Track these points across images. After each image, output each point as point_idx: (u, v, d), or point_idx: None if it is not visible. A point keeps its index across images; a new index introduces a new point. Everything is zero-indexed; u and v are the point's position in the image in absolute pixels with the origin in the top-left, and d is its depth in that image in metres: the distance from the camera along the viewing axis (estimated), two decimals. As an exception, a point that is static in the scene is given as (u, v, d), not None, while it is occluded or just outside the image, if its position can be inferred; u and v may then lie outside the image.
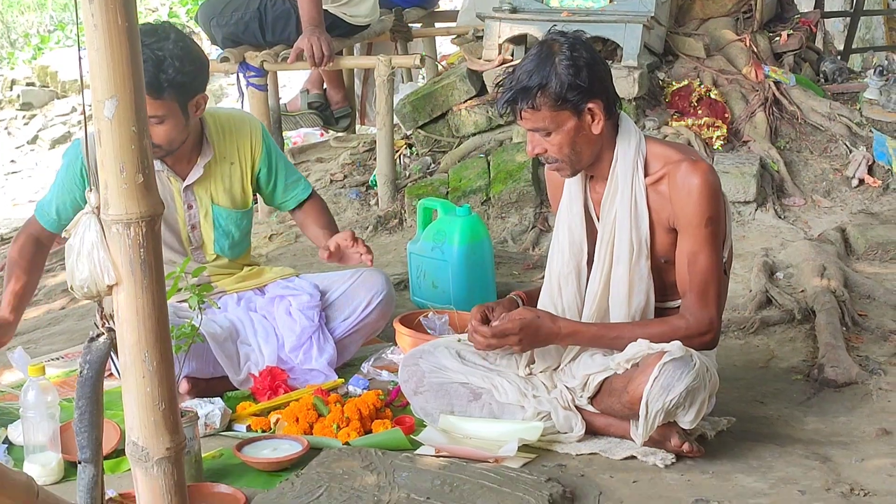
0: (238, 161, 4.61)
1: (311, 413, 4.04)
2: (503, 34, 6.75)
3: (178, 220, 4.53)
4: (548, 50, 3.69)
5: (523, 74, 3.69)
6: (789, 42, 7.25)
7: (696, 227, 3.71)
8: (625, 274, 3.80)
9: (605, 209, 3.84)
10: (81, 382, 2.64)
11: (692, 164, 3.72)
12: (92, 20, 2.41)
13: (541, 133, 3.73)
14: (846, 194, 6.30)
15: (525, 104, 3.68)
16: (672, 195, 3.73)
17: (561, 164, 3.78)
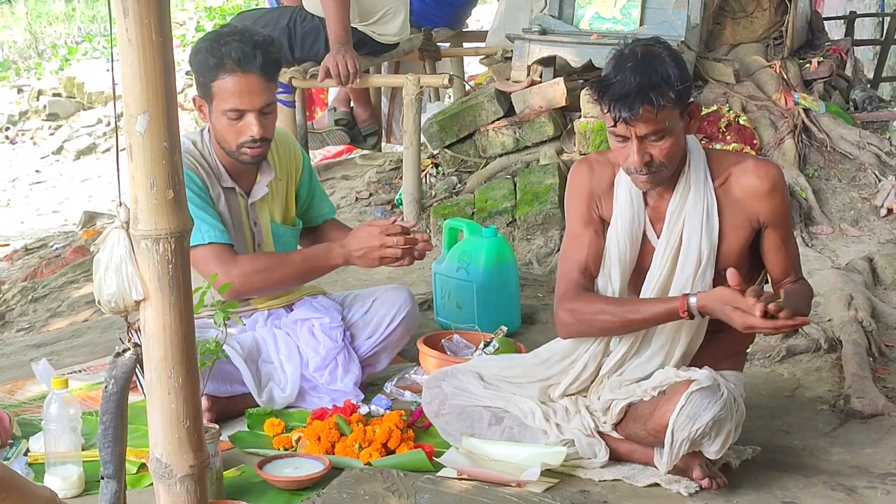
0: (286, 178, 4.62)
1: (334, 432, 4.02)
2: (532, 55, 6.74)
3: (247, 237, 4.51)
4: (647, 51, 3.60)
5: (639, 74, 3.54)
6: (819, 69, 7.22)
7: (785, 216, 3.81)
8: (687, 285, 3.73)
9: (672, 218, 3.77)
10: (106, 398, 2.64)
11: (760, 161, 3.83)
12: (126, 35, 2.41)
13: (653, 137, 3.59)
14: (874, 224, 6.26)
15: (657, 100, 3.52)
16: (751, 193, 3.73)
17: (661, 171, 3.66)
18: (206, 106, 4.32)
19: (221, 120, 4.28)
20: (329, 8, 6.55)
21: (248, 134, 4.27)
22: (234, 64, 4.21)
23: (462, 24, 8.62)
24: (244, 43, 4.22)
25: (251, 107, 4.25)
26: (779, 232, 3.79)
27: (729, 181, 3.75)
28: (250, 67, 4.22)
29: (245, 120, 4.26)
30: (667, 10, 6.60)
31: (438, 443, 4.03)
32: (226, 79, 4.23)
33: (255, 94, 4.25)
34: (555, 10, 6.80)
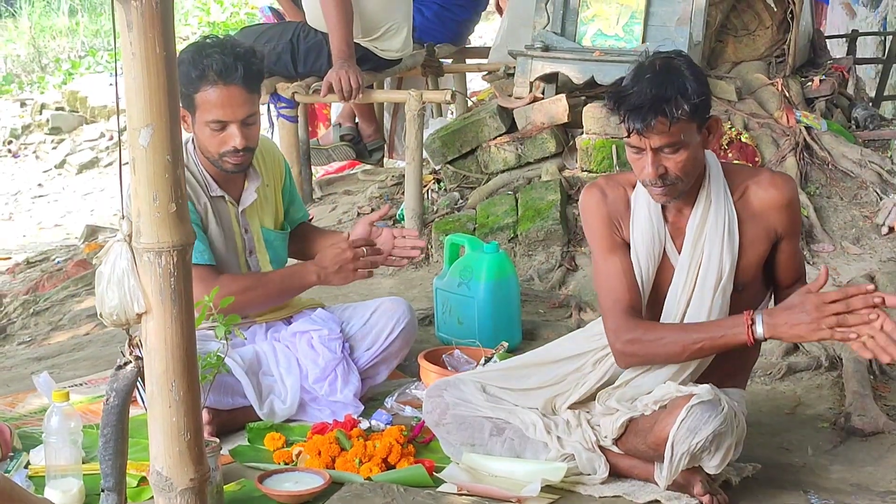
0: (273, 183, 4.65)
1: (334, 447, 4.02)
2: (535, 72, 6.76)
3: (238, 245, 4.52)
4: (667, 63, 3.61)
5: (655, 86, 3.54)
6: (821, 87, 7.23)
7: (798, 225, 3.89)
8: (707, 301, 3.74)
9: (692, 236, 3.76)
10: (108, 410, 2.64)
11: (774, 173, 3.86)
12: (130, 48, 2.42)
13: (668, 149, 3.58)
14: (876, 242, 6.26)
15: (670, 113, 3.52)
16: (770, 206, 3.75)
17: (676, 184, 3.64)
18: (189, 116, 4.32)
19: (204, 130, 4.30)
20: (332, 23, 6.57)
21: (231, 144, 4.28)
22: (215, 76, 4.22)
23: (465, 40, 8.63)
24: (225, 55, 4.23)
25: (233, 118, 4.27)
26: (793, 241, 3.84)
27: (746, 195, 3.77)
28: (232, 79, 4.23)
29: (228, 131, 4.28)
30: (669, 27, 6.62)
31: (439, 458, 4.04)
32: (208, 90, 4.24)
33: (236, 105, 4.26)
34: (557, 26, 6.82)
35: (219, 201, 4.46)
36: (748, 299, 3.79)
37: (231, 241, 4.49)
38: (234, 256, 4.50)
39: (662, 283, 3.83)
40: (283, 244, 4.71)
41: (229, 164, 4.34)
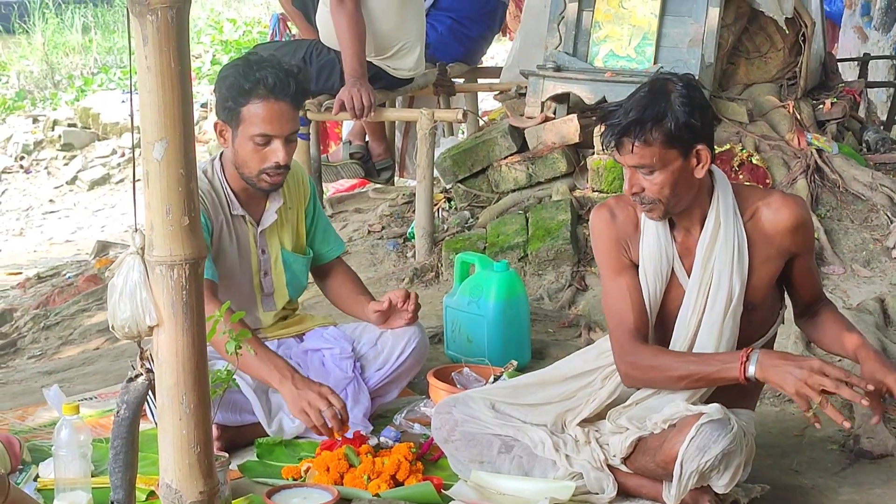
0: (295, 205, 4.64)
1: (342, 463, 4.02)
2: (546, 92, 6.77)
3: (252, 265, 4.53)
4: (662, 86, 3.65)
5: (637, 108, 3.61)
6: (833, 110, 7.24)
7: (811, 243, 3.91)
8: (717, 322, 3.75)
9: (701, 257, 3.78)
10: (118, 423, 2.64)
11: (785, 195, 3.87)
12: (145, 62, 2.44)
13: (644, 171, 3.65)
14: (886, 265, 6.26)
15: (637, 137, 3.60)
16: (783, 227, 3.77)
17: (656, 204, 3.69)
18: (230, 131, 4.33)
19: (247, 145, 4.31)
20: (345, 41, 6.58)
21: (273, 160, 4.30)
22: (267, 90, 4.25)
23: (477, 59, 8.64)
24: (278, 70, 4.27)
25: (280, 133, 4.29)
26: (807, 259, 3.88)
27: (757, 216, 3.78)
28: (283, 95, 4.27)
29: (271, 146, 4.29)
30: (681, 48, 6.63)
31: (447, 475, 4.04)
32: (258, 104, 4.26)
33: (284, 120, 4.29)
34: (569, 47, 6.84)
35: (238, 220, 4.47)
36: (760, 318, 3.82)
37: (246, 261, 4.50)
38: (247, 276, 4.51)
39: (672, 303, 3.84)
40: (303, 268, 4.70)
41: (266, 182, 4.36)
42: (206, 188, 4.39)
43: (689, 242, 3.81)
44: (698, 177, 3.70)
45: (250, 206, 4.49)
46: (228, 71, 4.34)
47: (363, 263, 6.67)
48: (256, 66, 4.28)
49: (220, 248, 4.42)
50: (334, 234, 4.86)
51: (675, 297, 3.84)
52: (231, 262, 4.45)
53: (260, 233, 4.52)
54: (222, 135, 4.36)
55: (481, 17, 8.22)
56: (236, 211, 4.45)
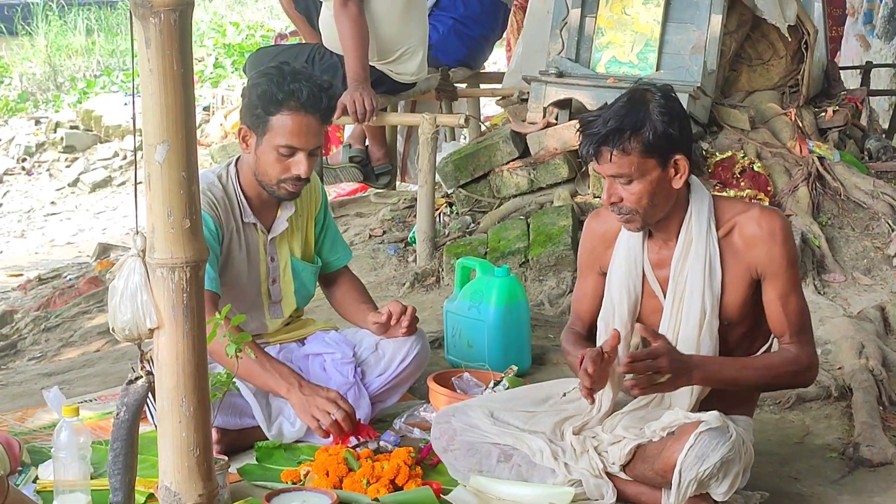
0: (306, 213, 4.64)
1: (342, 467, 4.02)
2: (549, 97, 6.78)
3: (261, 272, 4.53)
4: (641, 97, 3.67)
5: (615, 117, 3.63)
6: (835, 118, 7.24)
7: (785, 269, 3.73)
8: (693, 336, 3.76)
9: (676, 269, 3.80)
10: (118, 425, 2.64)
11: (765, 210, 3.79)
12: (148, 65, 2.44)
13: (622, 180, 3.66)
14: (887, 273, 6.26)
15: (615, 147, 3.61)
16: (750, 244, 3.73)
17: (633, 215, 3.71)
18: (254, 137, 4.33)
19: (270, 154, 4.30)
20: (348, 46, 6.59)
21: (295, 172, 4.30)
22: (298, 104, 4.25)
23: (480, 62, 8.65)
24: (313, 85, 4.28)
25: (305, 146, 4.29)
26: (776, 284, 3.75)
27: (733, 230, 3.76)
28: (313, 110, 4.27)
29: (295, 158, 4.29)
30: (683, 55, 6.64)
31: (446, 480, 4.03)
32: (287, 116, 4.26)
33: (311, 135, 4.30)
34: (572, 53, 6.85)
35: (248, 227, 4.47)
36: (741, 334, 3.84)
37: (255, 268, 4.50)
38: (255, 283, 4.51)
39: (654, 316, 3.88)
40: (311, 277, 4.70)
41: (285, 192, 4.36)
42: (219, 195, 4.39)
43: (664, 255, 3.84)
44: (676, 187, 3.71)
45: (262, 213, 4.49)
46: (261, 79, 4.33)
47: (364, 268, 6.67)
48: (291, 77, 4.28)
49: (228, 255, 4.42)
50: (343, 243, 4.87)
51: (654, 310, 3.88)
52: (239, 269, 4.45)
53: (270, 240, 4.52)
54: (245, 140, 4.35)
55: (483, 16, 8.21)
56: (248, 219, 4.45)
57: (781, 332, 3.78)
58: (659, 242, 3.85)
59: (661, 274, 3.85)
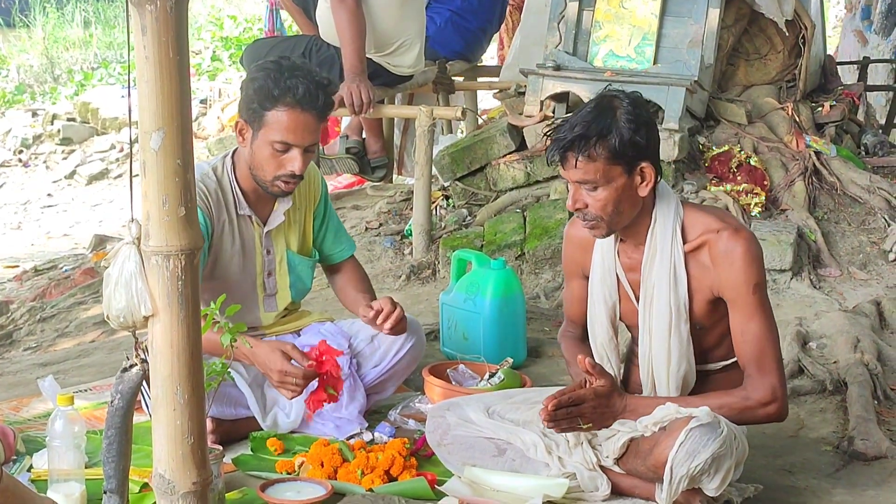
0: (304, 207, 4.62)
1: (336, 458, 4.02)
2: (546, 91, 6.78)
3: (256, 265, 4.51)
4: (608, 103, 3.67)
5: (581, 123, 3.63)
6: (831, 113, 7.25)
7: (745, 295, 3.69)
8: (664, 339, 3.79)
9: (644, 275, 3.82)
10: (112, 412, 2.65)
11: (733, 232, 3.71)
12: (144, 52, 2.44)
13: (587, 187, 3.67)
14: (882, 268, 6.27)
15: (581, 153, 3.62)
16: (715, 265, 3.71)
17: (598, 222, 3.72)
18: (250, 131, 4.30)
19: (265, 149, 4.28)
20: (345, 38, 6.60)
21: (290, 168, 4.28)
22: (295, 100, 4.22)
23: (478, 55, 8.66)
24: (310, 81, 4.25)
25: (300, 143, 4.26)
26: (736, 309, 3.73)
27: (703, 248, 3.75)
28: (310, 107, 4.24)
29: (289, 154, 4.26)
30: (681, 49, 6.64)
31: (441, 471, 4.03)
32: (283, 112, 4.23)
33: (307, 132, 4.27)
34: (569, 46, 6.84)
35: (243, 219, 4.45)
36: (719, 335, 3.86)
37: (250, 261, 4.49)
38: (250, 276, 4.50)
39: (632, 318, 3.93)
40: (308, 271, 4.68)
41: (279, 189, 4.34)
42: (213, 187, 4.38)
43: (635, 259, 3.86)
44: (642, 195, 3.72)
45: (258, 205, 4.47)
46: (258, 73, 4.30)
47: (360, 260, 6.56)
48: (288, 73, 4.26)
49: (220, 248, 4.41)
50: (345, 235, 4.84)
51: (632, 312, 3.92)
52: (232, 261, 4.44)
53: (266, 233, 4.50)
54: (242, 133, 4.33)
55: (480, 9, 8.23)
56: (242, 211, 4.43)
57: (741, 360, 3.76)
58: (630, 247, 3.87)
59: (633, 277, 3.88)
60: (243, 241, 4.46)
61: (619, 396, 3.72)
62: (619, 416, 3.72)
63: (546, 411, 3.63)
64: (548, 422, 3.65)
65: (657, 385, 3.87)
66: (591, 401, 3.66)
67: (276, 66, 4.30)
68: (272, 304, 4.61)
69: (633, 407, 3.72)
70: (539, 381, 4.82)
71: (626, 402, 3.72)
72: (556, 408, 3.63)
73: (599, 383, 3.68)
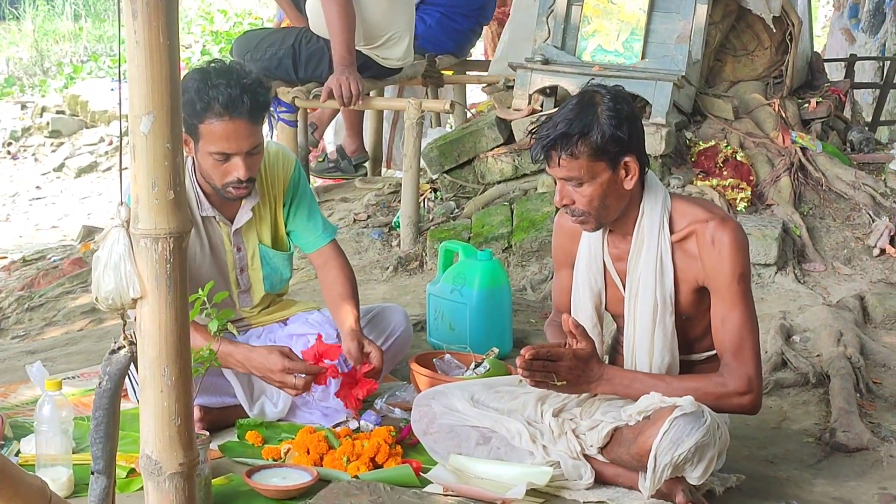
0: (273, 197, 4.54)
1: (322, 445, 4.05)
2: (534, 85, 6.80)
3: (227, 263, 4.49)
4: (590, 99, 3.68)
5: (563, 121, 3.65)
6: (818, 109, 7.28)
7: (728, 284, 3.72)
8: (649, 330, 3.82)
9: (631, 266, 3.85)
10: (100, 394, 2.66)
11: (720, 221, 3.74)
12: (134, 37, 2.45)
13: (573, 183, 3.70)
14: (867, 263, 6.30)
15: (564, 151, 3.64)
16: (701, 254, 3.74)
17: (587, 216, 3.75)
18: (192, 142, 4.23)
19: (207, 160, 4.21)
20: (334, 30, 6.61)
21: (235, 175, 4.20)
22: (221, 108, 4.12)
23: (466, 52, 8.67)
24: (231, 87, 4.12)
25: (238, 150, 4.17)
26: (718, 299, 3.76)
27: (690, 237, 3.78)
28: (238, 113, 4.13)
29: (231, 162, 4.19)
30: (668, 45, 6.66)
31: (426, 459, 4.06)
32: (213, 122, 4.13)
33: (242, 138, 4.16)
34: (558, 40, 6.87)
35: (208, 220, 4.42)
36: (704, 327, 3.88)
37: (220, 259, 4.47)
38: (222, 274, 4.48)
39: (619, 307, 3.96)
40: (284, 263, 4.62)
41: (231, 194, 4.29)
42: None
43: (622, 249, 3.89)
44: (628, 188, 3.74)
45: (224, 205, 4.41)
46: (186, 84, 4.15)
47: (348, 252, 6.66)
48: (211, 82, 4.14)
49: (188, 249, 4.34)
50: (321, 221, 4.65)
51: (618, 300, 3.95)
52: (203, 262, 4.42)
53: (234, 231, 4.46)
54: (187, 144, 4.23)
55: (471, 12, 8.25)
56: (205, 212, 4.38)
57: (719, 348, 3.79)
58: (618, 237, 3.90)
59: (621, 266, 3.91)
60: (211, 241, 4.43)
61: (597, 363, 3.75)
62: (593, 382, 3.75)
63: (522, 359, 3.66)
64: (523, 369, 3.67)
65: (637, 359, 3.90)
66: (568, 360, 3.69)
67: (201, 76, 4.19)
68: (247, 299, 4.60)
69: (609, 377, 3.75)
70: (524, 372, 4.83)
71: (604, 370, 3.75)
72: (532, 357, 3.66)
73: (580, 345, 3.71)
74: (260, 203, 4.48)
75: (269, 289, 4.63)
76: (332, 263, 4.63)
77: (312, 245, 4.63)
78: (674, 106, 6.62)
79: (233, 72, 4.21)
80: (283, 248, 4.61)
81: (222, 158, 4.18)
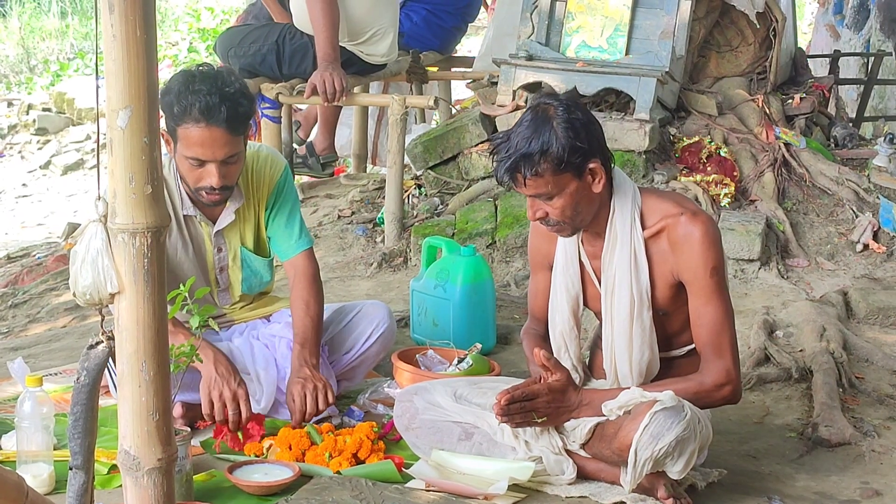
0: (257, 200, 4.52)
1: (304, 441, 4.05)
2: (518, 81, 6.80)
3: (208, 262, 4.49)
4: (543, 114, 3.68)
5: (521, 141, 3.65)
6: (802, 105, 7.28)
7: (702, 278, 3.73)
8: (627, 326, 3.83)
9: (605, 264, 3.86)
10: (78, 389, 2.66)
11: (691, 216, 3.76)
12: (111, 30, 2.45)
13: (543, 198, 3.71)
14: (850, 258, 6.31)
15: (528, 171, 3.64)
16: (674, 249, 3.76)
17: (562, 225, 3.77)
18: (172, 143, 4.23)
19: (184, 163, 4.21)
20: (318, 26, 6.60)
21: (208, 182, 4.19)
22: (198, 114, 4.10)
23: (451, 49, 8.67)
24: (211, 94, 4.10)
25: (212, 158, 4.15)
26: (693, 292, 3.78)
27: (662, 233, 3.79)
28: (215, 120, 4.10)
29: (206, 168, 4.18)
30: (652, 40, 6.66)
31: (408, 455, 4.06)
32: (190, 127, 4.12)
33: (217, 146, 4.14)
34: (542, 36, 6.86)
35: (189, 219, 4.42)
36: (683, 321, 3.89)
37: (201, 258, 4.47)
38: (203, 272, 4.48)
39: (596, 303, 3.98)
40: (265, 267, 4.61)
41: (204, 199, 4.28)
42: None
43: (598, 246, 3.91)
44: (597, 192, 3.75)
45: (206, 206, 4.41)
46: (170, 85, 4.18)
47: (332, 248, 6.70)
48: (195, 85, 4.13)
49: (169, 247, 4.35)
50: (297, 231, 4.57)
51: (596, 297, 3.97)
52: (184, 260, 4.42)
53: (216, 233, 4.45)
54: (168, 143, 4.25)
55: (456, 10, 8.24)
56: (187, 211, 4.38)
57: (697, 342, 3.81)
58: (592, 235, 3.91)
59: (597, 264, 3.93)
60: (192, 239, 4.43)
61: (574, 391, 3.76)
62: (574, 410, 3.76)
63: (499, 405, 3.67)
64: (501, 416, 3.69)
65: (619, 373, 3.90)
66: (545, 395, 3.71)
67: (184, 79, 4.18)
68: (226, 297, 4.61)
69: (588, 400, 3.76)
70: (508, 368, 4.84)
71: (582, 396, 3.76)
72: (508, 402, 3.67)
73: (554, 378, 3.72)
74: (245, 206, 4.47)
75: (247, 290, 4.63)
76: (300, 283, 4.53)
77: (286, 253, 4.57)
78: (657, 102, 6.62)
79: (217, 78, 4.19)
80: (264, 252, 4.60)
81: (197, 164, 4.18)
